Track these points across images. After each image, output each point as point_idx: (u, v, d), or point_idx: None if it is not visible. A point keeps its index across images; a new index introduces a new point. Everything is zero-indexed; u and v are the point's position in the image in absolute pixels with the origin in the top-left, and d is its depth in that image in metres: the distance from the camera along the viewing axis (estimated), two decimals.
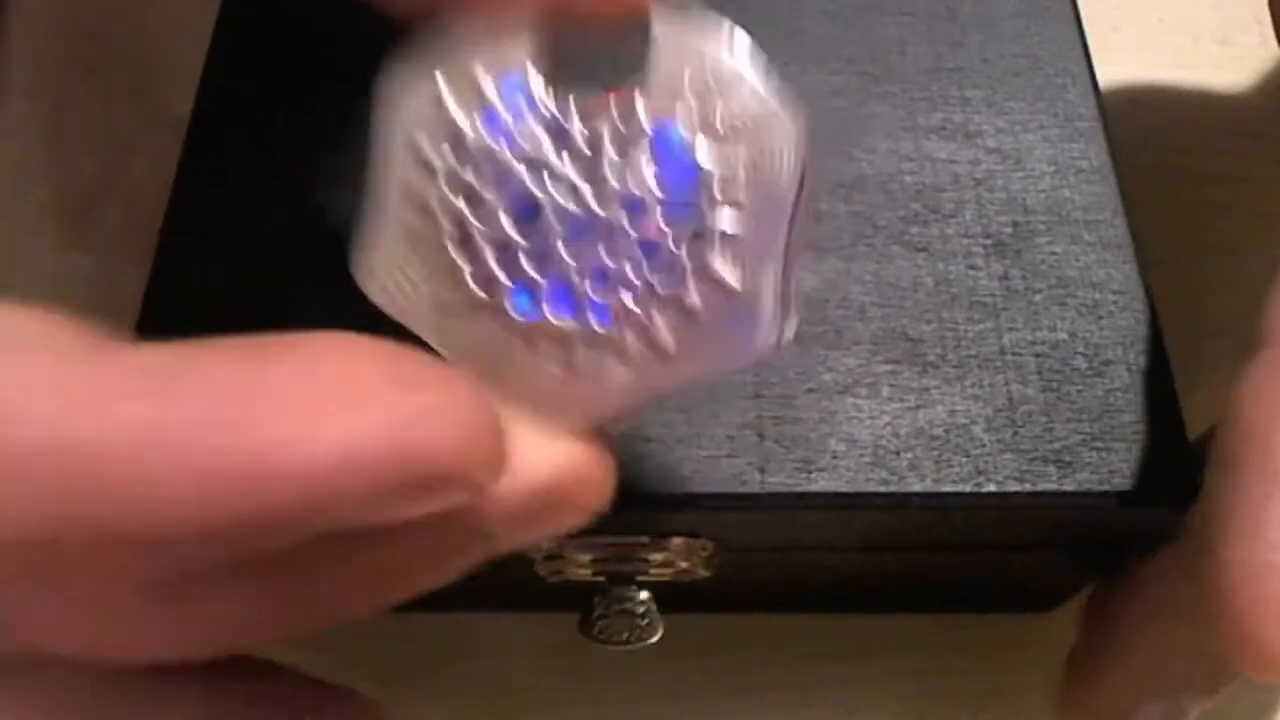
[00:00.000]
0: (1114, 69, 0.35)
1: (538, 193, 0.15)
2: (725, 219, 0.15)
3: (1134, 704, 0.23)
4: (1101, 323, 0.22)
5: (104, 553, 0.11)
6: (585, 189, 0.15)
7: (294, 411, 0.11)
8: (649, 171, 0.15)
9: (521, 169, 0.15)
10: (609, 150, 0.15)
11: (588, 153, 0.15)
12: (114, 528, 0.11)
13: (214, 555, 0.11)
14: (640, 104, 0.15)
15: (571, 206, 0.15)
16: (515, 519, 0.14)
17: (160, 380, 0.11)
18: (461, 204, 0.15)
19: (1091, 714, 0.24)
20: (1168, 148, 0.34)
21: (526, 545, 0.15)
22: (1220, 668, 0.21)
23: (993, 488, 0.20)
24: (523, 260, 0.15)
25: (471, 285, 0.15)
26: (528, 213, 0.15)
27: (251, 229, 0.23)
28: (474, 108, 0.15)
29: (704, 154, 0.15)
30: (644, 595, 0.24)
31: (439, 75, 0.15)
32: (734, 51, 0.14)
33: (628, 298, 0.15)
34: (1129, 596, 0.23)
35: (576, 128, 0.15)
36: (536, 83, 0.15)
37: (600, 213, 0.15)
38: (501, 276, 0.15)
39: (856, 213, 0.24)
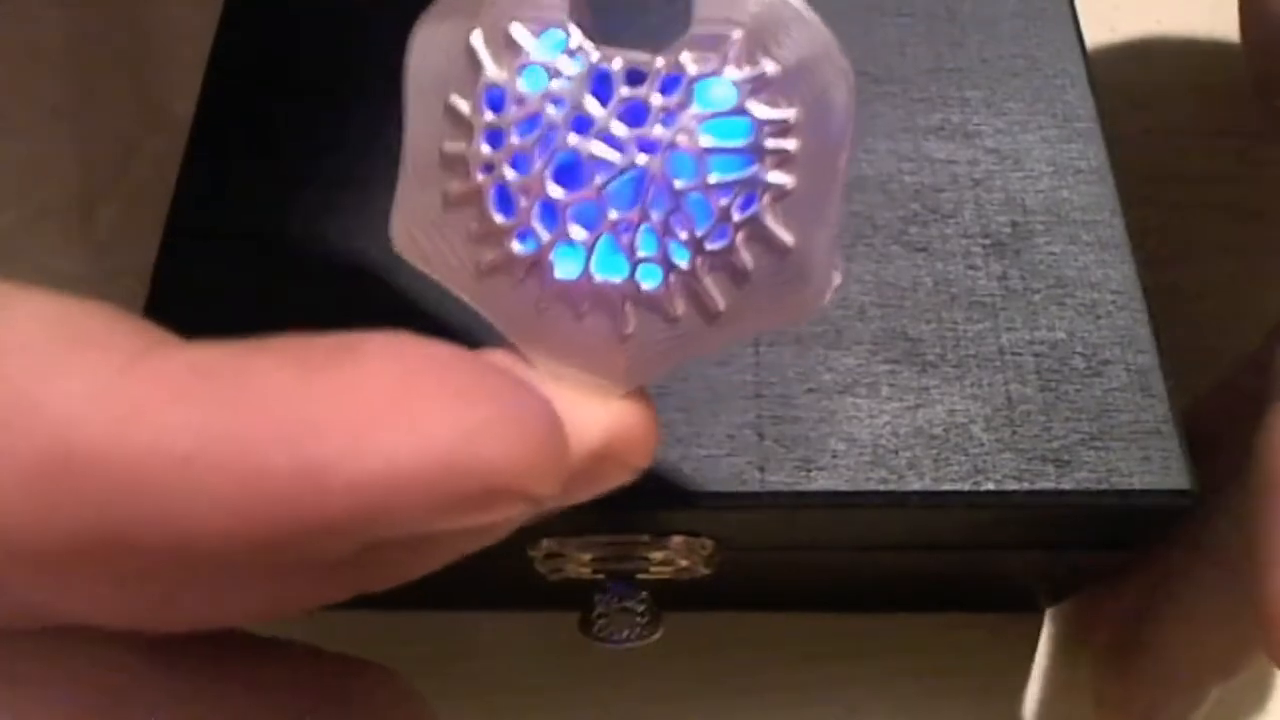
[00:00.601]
0: (1112, 69, 0.35)
1: (580, 148, 0.14)
2: (777, 170, 0.14)
3: (1167, 697, 0.24)
4: (1100, 322, 0.22)
5: (148, 557, 0.11)
6: (630, 142, 0.14)
7: (351, 426, 0.11)
8: (695, 121, 0.14)
9: (563, 124, 0.14)
10: (653, 100, 0.14)
11: (630, 103, 0.14)
12: (159, 537, 0.11)
13: (255, 561, 0.11)
14: (685, 51, 0.14)
15: (616, 159, 0.14)
16: (565, 483, 0.13)
17: (215, 386, 0.11)
18: (501, 163, 0.14)
19: (1128, 709, 0.25)
20: (1166, 148, 0.34)
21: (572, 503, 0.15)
22: (1244, 659, 0.23)
23: (991, 487, 0.21)
24: (567, 218, 0.14)
25: (513, 246, 0.15)
26: (571, 169, 0.14)
27: (251, 229, 0.24)
28: (511, 64, 0.14)
29: (753, 100, 0.14)
30: (644, 594, 0.24)
31: (474, 32, 0.14)
32: None
33: (676, 257, 0.14)
34: (1161, 601, 0.24)
35: (617, 79, 0.14)
36: (575, 36, 0.14)
37: (646, 167, 0.14)
38: (544, 236, 0.14)
39: (856, 213, 0.24)
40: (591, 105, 0.14)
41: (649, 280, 0.14)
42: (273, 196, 0.24)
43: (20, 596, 0.11)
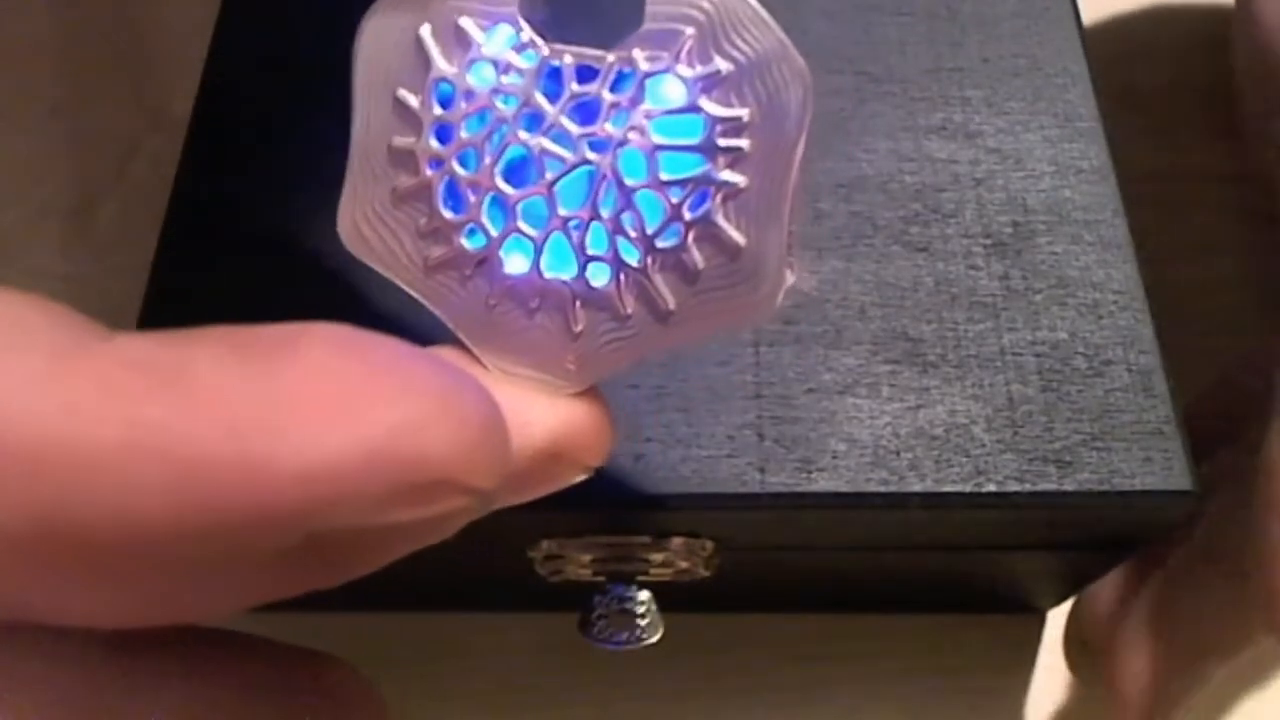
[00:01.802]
0: (1113, 69, 0.35)
1: (530, 143, 0.14)
2: (730, 169, 0.14)
3: (1172, 676, 0.25)
4: (1101, 322, 0.22)
5: (92, 550, 0.11)
6: (580, 138, 0.14)
7: (290, 420, 0.11)
8: (647, 118, 0.14)
9: (513, 120, 0.14)
10: (605, 96, 0.14)
11: (581, 100, 0.14)
12: (99, 529, 0.11)
13: (198, 553, 0.11)
14: (637, 47, 0.14)
15: (566, 155, 0.14)
16: (514, 481, 0.13)
17: (151, 379, 0.11)
18: (450, 158, 0.14)
19: (1134, 690, 0.26)
20: (1167, 148, 0.34)
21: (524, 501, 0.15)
22: (1244, 644, 0.23)
23: (993, 488, 0.20)
24: (516, 215, 0.14)
25: (462, 241, 0.15)
26: (521, 166, 0.14)
27: (251, 229, 0.23)
28: (460, 59, 0.14)
29: (705, 98, 0.13)
30: (644, 595, 0.24)
31: (423, 25, 0.14)
32: None
33: (626, 254, 0.14)
34: (1164, 598, 0.25)
35: (568, 75, 0.14)
36: (526, 31, 0.14)
37: (596, 163, 0.14)
38: (493, 232, 0.14)
39: (856, 213, 0.24)
40: (542, 101, 0.14)
41: (599, 278, 0.14)
42: (271, 196, 0.24)
43: None
